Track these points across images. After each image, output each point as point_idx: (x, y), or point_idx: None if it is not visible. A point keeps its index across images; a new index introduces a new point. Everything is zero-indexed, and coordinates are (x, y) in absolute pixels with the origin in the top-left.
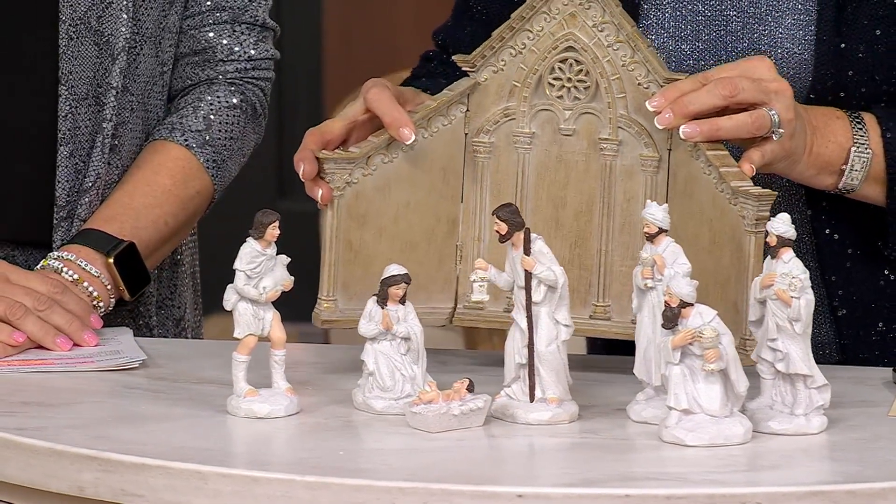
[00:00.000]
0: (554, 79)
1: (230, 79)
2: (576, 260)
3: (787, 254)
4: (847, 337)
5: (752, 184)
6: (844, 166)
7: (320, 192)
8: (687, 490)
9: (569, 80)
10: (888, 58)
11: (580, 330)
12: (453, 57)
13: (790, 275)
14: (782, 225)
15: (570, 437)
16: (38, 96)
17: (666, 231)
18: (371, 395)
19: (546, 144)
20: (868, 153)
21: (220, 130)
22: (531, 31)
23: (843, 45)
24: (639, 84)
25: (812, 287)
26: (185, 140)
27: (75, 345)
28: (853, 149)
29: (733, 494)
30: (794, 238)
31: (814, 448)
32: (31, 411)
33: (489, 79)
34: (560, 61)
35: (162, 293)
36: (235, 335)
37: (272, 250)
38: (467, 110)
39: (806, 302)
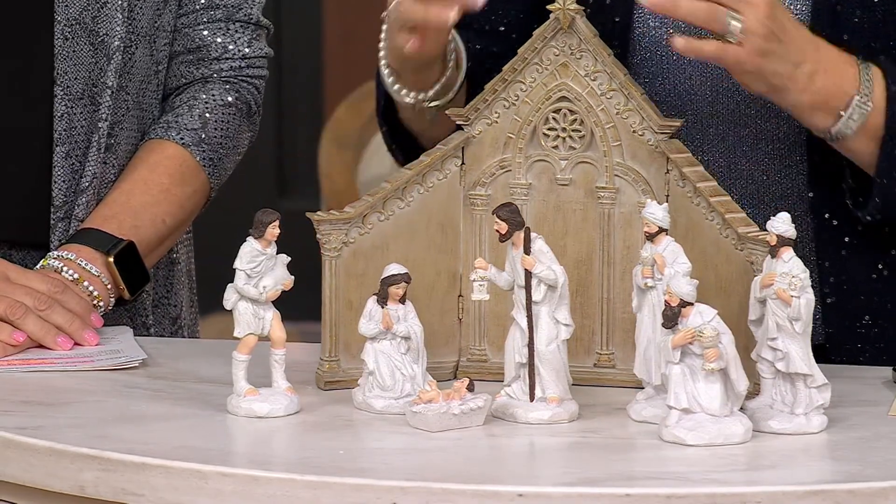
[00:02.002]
0: (548, 129)
1: (225, 77)
2: (578, 308)
3: (787, 253)
4: (832, 325)
5: (759, 229)
6: (843, 112)
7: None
8: (687, 489)
9: (563, 129)
10: (885, 25)
11: (585, 379)
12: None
13: (790, 274)
14: (782, 224)
15: (571, 437)
16: (34, 97)
17: (666, 230)
18: (371, 395)
19: (543, 194)
20: (869, 106)
21: (215, 129)
22: (524, 83)
23: (838, 8)
24: (633, 132)
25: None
26: (181, 138)
27: (76, 344)
28: (857, 98)
29: (733, 494)
30: (794, 237)
31: (814, 447)
32: (31, 411)
33: (483, 131)
34: (554, 111)
35: (158, 292)
36: (235, 334)
37: (272, 250)
38: (462, 163)
39: (806, 301)
